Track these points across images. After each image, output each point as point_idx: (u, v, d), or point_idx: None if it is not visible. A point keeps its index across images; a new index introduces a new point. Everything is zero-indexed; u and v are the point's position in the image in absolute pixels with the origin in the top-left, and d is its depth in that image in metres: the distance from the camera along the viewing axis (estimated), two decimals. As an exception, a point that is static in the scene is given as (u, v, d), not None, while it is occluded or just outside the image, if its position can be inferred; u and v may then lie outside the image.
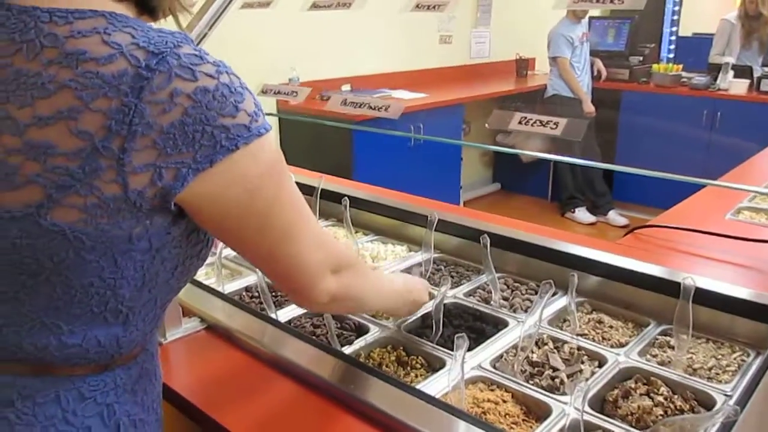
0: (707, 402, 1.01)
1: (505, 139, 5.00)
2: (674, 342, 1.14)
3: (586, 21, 4.79)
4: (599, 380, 1.06)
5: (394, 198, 1.84)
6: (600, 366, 1.11)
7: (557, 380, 1.06)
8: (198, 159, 0.65)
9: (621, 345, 1.18)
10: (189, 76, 0.64)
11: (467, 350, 0.99)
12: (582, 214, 4.95)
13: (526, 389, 1.04)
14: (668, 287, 1.22)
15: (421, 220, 1.57)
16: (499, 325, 1.25)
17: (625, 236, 1.71)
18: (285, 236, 0.77)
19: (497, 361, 1.14)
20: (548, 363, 1.11)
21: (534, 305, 1.16)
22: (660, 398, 1.01)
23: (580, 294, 1.32)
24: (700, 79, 4.79)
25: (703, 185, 2.09)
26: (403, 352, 1.17)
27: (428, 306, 1.24)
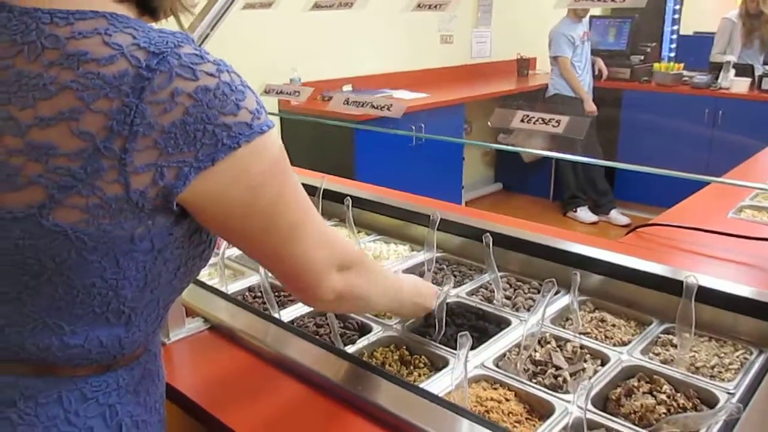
0: (710, 400, 1.02)
1: (507, 139, 5.00)
2: (677, 340, 1.14)
3: (587, 20, 4.79)
4: (602, 379, 1.06)
5: (397, 198, 1.84)
6: (603, 364, 1.12)
7: (560, 379, 1.06)
8: (200, 158, 0.65)
9: (624, 343, 1.18)
10: (190, 76, 0.64)
11: (470, 349, 0.99)
12: (584, 214, 4.95)
13: (529, 388, 1.04)
14: (671, 286, 1.22)
15: (424, 220, 1.57)
16: (502, 324, 1.25)
17: (627, 235, 1.71)
18: (290, 234, 0.76)
19: (500, 360, 1.14)
20: (551, 362, 1.11)
21: (536, 304, 1.16)
22: (663, 396, 1.01)
23: (583, 293, 1.32)
24: (702, 78, 4.78)
25: (705, 184, 2.10)
26: (406, 352, 1.17)
27: (431, 305, 1.25)
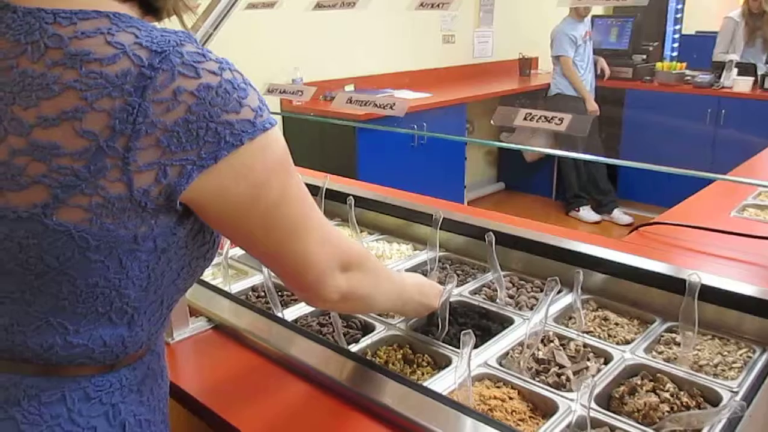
0: (713, 398, 1.02)
1: (509, 138, 5.00)
2: (680, 339, 1.14)
3: (589, 20, 4.79)
4: (605, 377, 1.06)
5: (399, 197, 1.84)
6: (606, 363, 1.12)
7: (563, 377, 1.06)
8: (202, 156, 0.65)
9: (627, 342, 1.18)
10: (192, 74, 0.64)
11: (473, 348, 0.99)
12: (586, 213, 4.94)
13: (533, 386, 1.04)
14: (674, 284, 1.22)
15: (426, 219, 1.57)
16: (505, 323, 1.25)
17: (630, 234, 1.71)
18: (292, 233, 0.76)
19: (503, 359, 1.14)
20: (554, 360, 1.11)
21: (539, 303, 1.17)
22: (666, 395, 1.01)
23: (586, 291, 1.32)
24: (704, 77, 4.78)
25: (708, 183, 2.10)
26: (410, 350, 1.17)
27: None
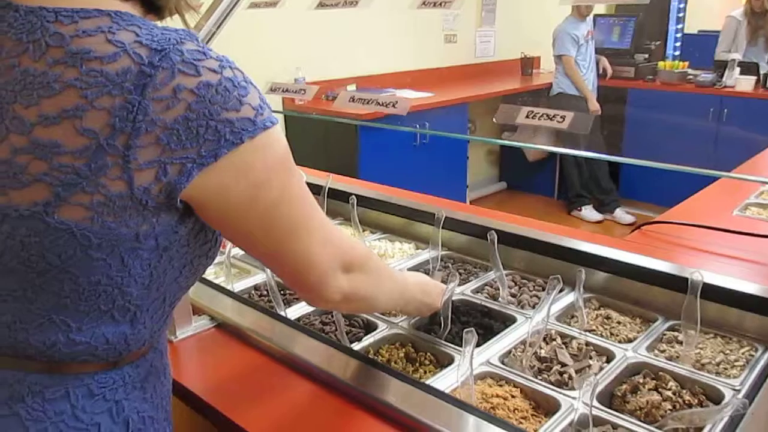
0: (716, 396, 1.02)
1: (511, 137, 5.00)
2: (682, 337, 1.14)
3: (591, 19, 4.78)
4: (607, 375, 1.06)
5: (402, 196, 1.85)
6: (608, 361, 1.12)
7: (566, 375, 1.06)
8: (202, 154, 0.65)
9: (629, 340, 1.18)
10: (192, 72, 0.64)
11: (476, 346, 0.99)
12: (589, 213, 4.94)
13: (535, 384, 1.04)
14: (676, 283, 1.22)
15: (429, 218, 1.57)
16: (507, 322, 1.26)
17: (632, 233, 1.71)
18: (294, 233, 0.76)
19: (505, 357, 1.14)
20: (556, 358, 1.11)
21: (542, 301, 1.17)
22: (668, 393, 1.01)
23: (588, 290, 1.33)
24: (706, 77, 4.77)
25: (711, 181, 2.10)
26: (412, 349, 1.17)
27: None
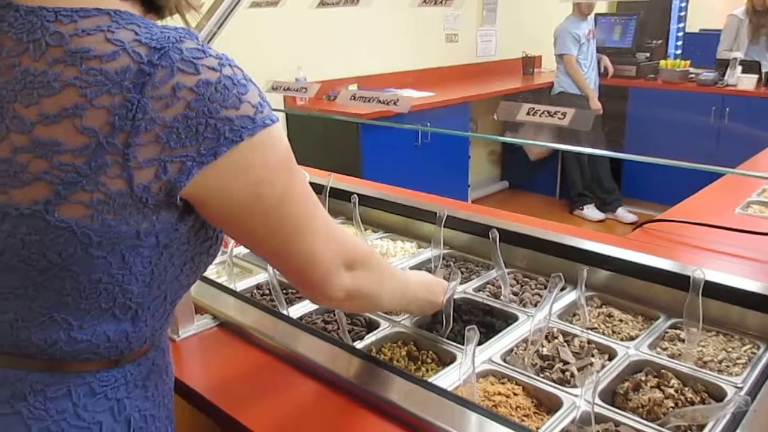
0: (718, 394, 1.02)
1: (512, 137, 4.99)
2: (684, 335, 1.14)
3: (593, 18, 4.78)
4: (610, 373, 1.06)
5: (403, 195, 1.85)
6: (610, 359, 1.12)
7: (568, 373, 1.06)
8: (202, 152, 0.65)
9: (631, 338, 1.18)
10: (191, 70, 0.64)
11: (477, 344, 1.00)
12: (591, 212, 4.94)
13: (537, 382, 1.04)
14: (678, 281, 1.22)
15: (430, 217, 1.58)
16: (509, 320, 1.26)
17: (634, 231, 1.71)
18: (296, 231, 0.76)
19: (507, 355, 1.14)
20: (558, 356, 1.11)
21: (543, 299, 1.17)
22: (671, 390, 1.01)
23: (590, 288, 1.33)
24: (708, 75, 4.76)
25: (714, 179, 2.10)
26: (414, 347, 1.17)
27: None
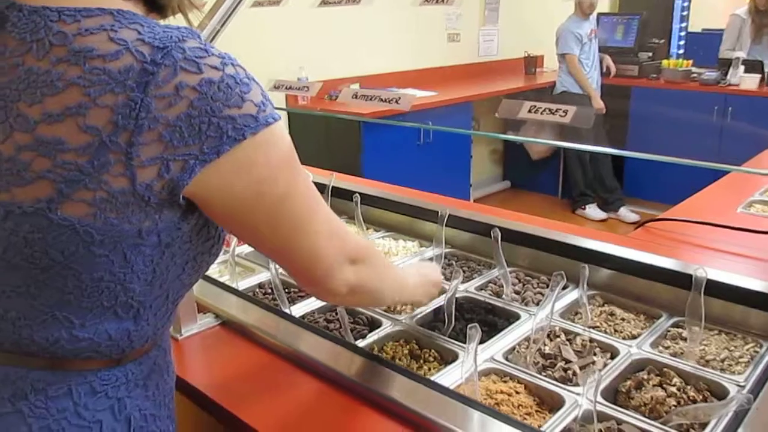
0: (720, 393, 1.02)
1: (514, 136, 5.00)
2: (686, 334, 1.14)
3: (595, 17, 4.78)
4: (612, 372, 1.07)
5: (405, 195, 1.85)
6: (612, 358, 1.12)
7: (570, 372, 1.07)
8: (205, 150, 0.65)
9: (633, 337, 1.18)
10: (194, 69, 0.64)
11: (480, 343, 1.00)
12: (593, 211, 4.93)
13: (539, 381, 1.04)
14: (680, 279, 1.22)
15: (432, 216, 1.58)
16: (511, 319, 1.26)
17: (636, 230, 1.71)
18: (300, 228, 0.76)
19: (510, 354, 1.14)
20: (560, 355, 1.12)
21: (545, 298, 1.17)
22: (673, 389, 1.01)
23: (592, 287, 1.33)
24: (711, 75, 4.75)
25: (716, 178, 2.10)
26: (416, 346, 1.18)
27: (440, 300, 1.25)
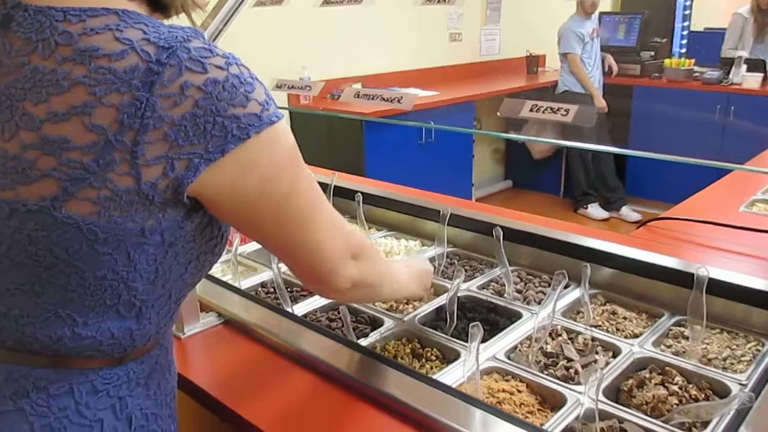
0: (722, 391, 1.02)
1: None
2: (688, 332, 1.14)
3: (597, 17, 4.77)
4: (614, 370, 1.07)
5: (407, 194, 1.85)
6: (614, 356, 1.12)
7: (572, 370, 1.07)
8: (209, 149, 0.66)
9: (635, 336, 1.18)
10: (199, 69, 0.65)
11: (482, 342, 1.00)
12: (595, 210, 4.93)
13: (541, 379, 1.04)
14: (682, 278, 1.22)
15: (434, 215, 1.58)
16: (513, 318, 1.26)
17: (638, 229, 1.71)
18: (303, 225, 0.77)
19: (511, 353, 1.14)
20: (562, 354, 1.12)
21: (547, 297, 1.17)
22: (675, 387, 1.01)
23: (594, 286, 1.33)
24: (713, 74, 4.75)
25: (718, 177, 2.10)
26: (418, 344, 1.18)
27: (442, 299, 1.25)
